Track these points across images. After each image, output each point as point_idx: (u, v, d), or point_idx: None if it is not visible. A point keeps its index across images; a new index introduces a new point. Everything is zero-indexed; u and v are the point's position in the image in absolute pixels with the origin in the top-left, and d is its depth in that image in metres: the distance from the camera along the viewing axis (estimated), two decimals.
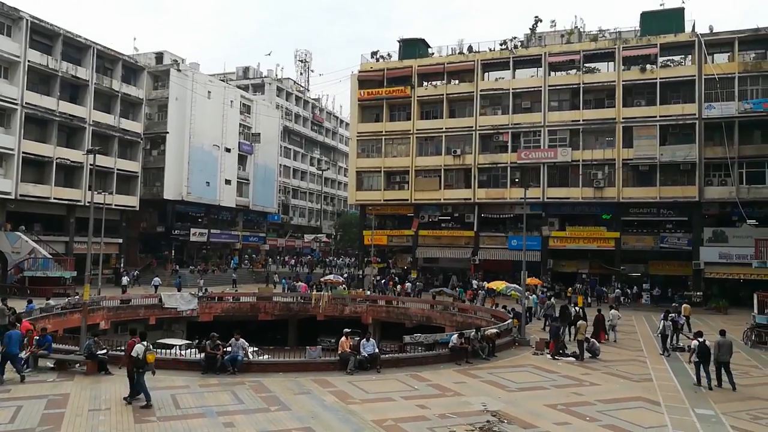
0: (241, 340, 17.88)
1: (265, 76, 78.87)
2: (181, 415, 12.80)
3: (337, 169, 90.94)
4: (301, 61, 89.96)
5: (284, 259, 64.83)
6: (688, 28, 43.81)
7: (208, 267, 53.94)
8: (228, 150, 59.40)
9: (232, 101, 60.42)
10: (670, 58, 45.05)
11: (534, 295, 33.84)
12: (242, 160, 62.67)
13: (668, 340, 22.35)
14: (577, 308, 27.34)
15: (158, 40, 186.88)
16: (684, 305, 30.39)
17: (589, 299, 38.57)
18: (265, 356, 22.12)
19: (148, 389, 13.43)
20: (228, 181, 59.61)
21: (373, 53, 53.50)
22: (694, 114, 42.03)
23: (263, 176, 65.88)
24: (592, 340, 21.60)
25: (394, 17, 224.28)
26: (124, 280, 41.41)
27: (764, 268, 27.96)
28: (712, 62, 42.20)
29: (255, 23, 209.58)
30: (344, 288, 41.40)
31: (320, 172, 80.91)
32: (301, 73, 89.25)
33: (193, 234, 55.97)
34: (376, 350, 18.54)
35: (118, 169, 47.88)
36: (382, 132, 51.62)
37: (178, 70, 54.33)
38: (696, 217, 42.18)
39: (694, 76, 42.26)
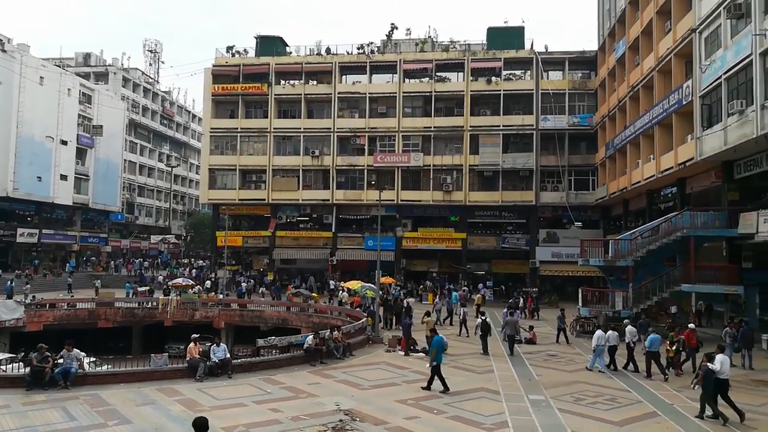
0: (75, 350, 16.37)
1: (110, 65, 72.85)
2: None
3: (188, 166, 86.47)
4: (150, 51, 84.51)
5: (127, 261, 60.39)
6: (528, 46, 47.86)
7: (38, 271, 48.63)
8: (64, 142, 54.05)
9: (69, 89, 55.02)
10: (513, 72, 48.81)
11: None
12: (81, 153, 57.43)
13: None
14: (407, 301, 30.62)
15: None
16: (477, 295, 34.35)
17: (438, 296, 40.44)
18: (105, 366, 20.47)
19: None
20: (64, 177, 54.23)
21: (229, 48, 51.81)
22: (533, 125, 46.02)
23: (105, 172, 60.87)
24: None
25: (251, 15, 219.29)
26: None
27: (587, 266, 31.24)
28: (547, 78, 46.60)
29: (98, 7, 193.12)
30: (195, 291, 39.57)
31: (170, 169, 76.39)
32: (150, 64, 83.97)
33: (20, 234, 50.27)
34: (228, 355, 17.95)
35: None
36: (237, 129, 50.12)
37: (3, 51, 48.37)
38: (533, 220, 46.23)
39: (533, 90, 46.32)
